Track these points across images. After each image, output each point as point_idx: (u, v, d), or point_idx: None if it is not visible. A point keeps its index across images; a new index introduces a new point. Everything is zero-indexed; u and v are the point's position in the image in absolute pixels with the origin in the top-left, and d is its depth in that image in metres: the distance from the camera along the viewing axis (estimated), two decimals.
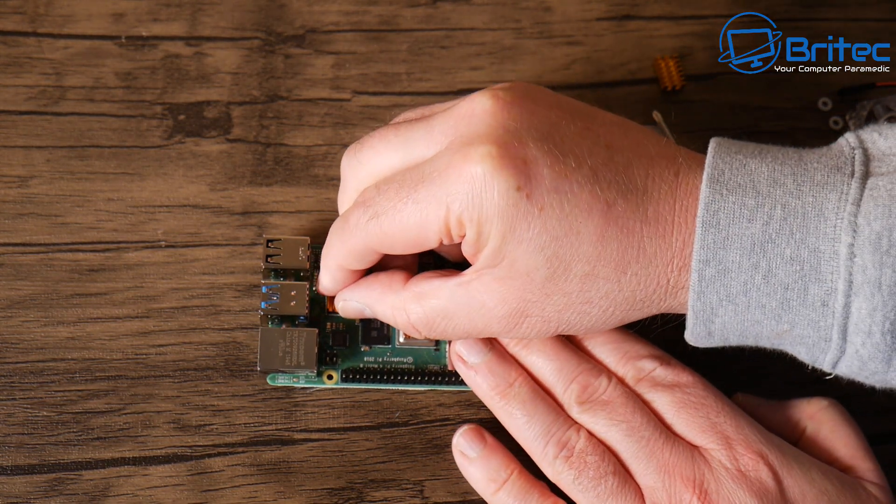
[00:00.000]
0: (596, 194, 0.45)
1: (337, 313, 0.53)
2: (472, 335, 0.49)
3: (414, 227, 0.46)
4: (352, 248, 0.49)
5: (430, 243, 0.47)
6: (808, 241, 0.43)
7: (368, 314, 0.51)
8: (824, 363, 0.45)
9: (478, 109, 0.46)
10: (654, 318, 0.49)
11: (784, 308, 0.44)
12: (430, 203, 0.45)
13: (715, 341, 0.47)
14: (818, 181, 0.44)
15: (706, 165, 0.45)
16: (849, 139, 0.45)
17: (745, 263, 0.43)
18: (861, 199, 0.43)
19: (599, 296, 0.46)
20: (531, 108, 0.46)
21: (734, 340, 0.46)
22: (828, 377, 0.46)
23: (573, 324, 0.47)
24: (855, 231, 0.42)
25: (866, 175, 0.44)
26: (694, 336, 0.46)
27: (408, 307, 0.49)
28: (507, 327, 0.47)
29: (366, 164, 0.49)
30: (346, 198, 0.51)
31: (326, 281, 0.52)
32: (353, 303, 0.51)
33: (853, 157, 0.44)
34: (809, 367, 0.46)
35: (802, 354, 0.45)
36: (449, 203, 0.45)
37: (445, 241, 0.47)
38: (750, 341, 0.46)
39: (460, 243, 0.47)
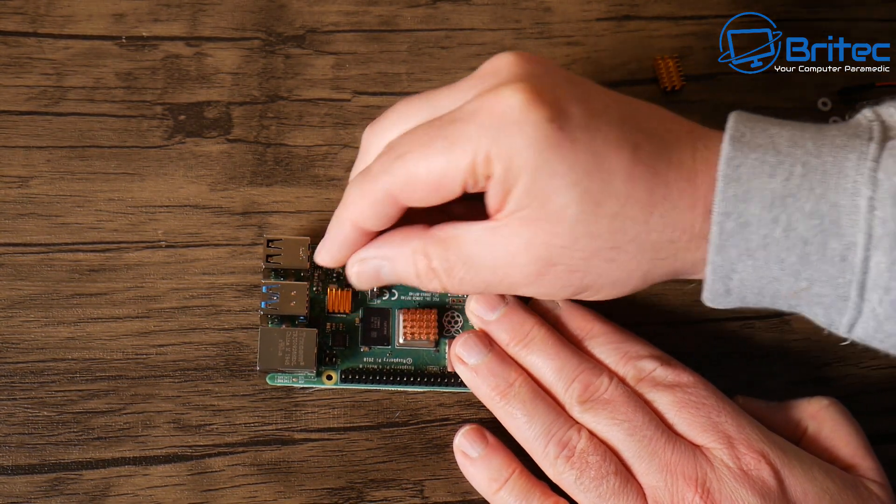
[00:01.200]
0: (624, 135, 0.45)
1: (337, 313, 0.54)
2: (491, 288, 0.47)
3: (440, 167, 0.45)
4: (373, 197, 0.47)
5: (454, 187, 0.46)
6: (828, 195, 0.43)
7: (386, 274, 0.49)
8: (841, 325, 0.45)
9: (502, 63, 0.47)
10: (643, 311, 0.49)
11: (803, 263, 0.44)
12: (460, 139, 0.45)
13: (732, 300, 0.46)
14: (838, 144, 0.44)
15: (727, 128, 0.45)
16: (866, 113, 0.46)
17: (765, 217, 0.43)
18: (880, 157, 0.43)
19: (627, 239, 0.45)
20: (551, 65, 0.47)
21: (751, 300, 0.46)
22: (844, 343, 0.46)
23: (601, 274, 0.46)
24: (875, 185, 0.42)
25: (885, 140, 0.44)
26: (712, 294, 0.46)
27: (430, 251, 0.47)
28: (530, 278, 0.46)
29: (390, 129, 0.49)
30: (363, 164, 0.50)
31: (334, 245, 0.49)
32: (371, 261, 0.49)
33: (871, 127, 0.45)
34: (826, 332, 0.46)
35: (819, 316, 0.45)
36: (479, 138, 0.44)
37: (470, 185, 0.46)
38: (767, 301, 0.46)
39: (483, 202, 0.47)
